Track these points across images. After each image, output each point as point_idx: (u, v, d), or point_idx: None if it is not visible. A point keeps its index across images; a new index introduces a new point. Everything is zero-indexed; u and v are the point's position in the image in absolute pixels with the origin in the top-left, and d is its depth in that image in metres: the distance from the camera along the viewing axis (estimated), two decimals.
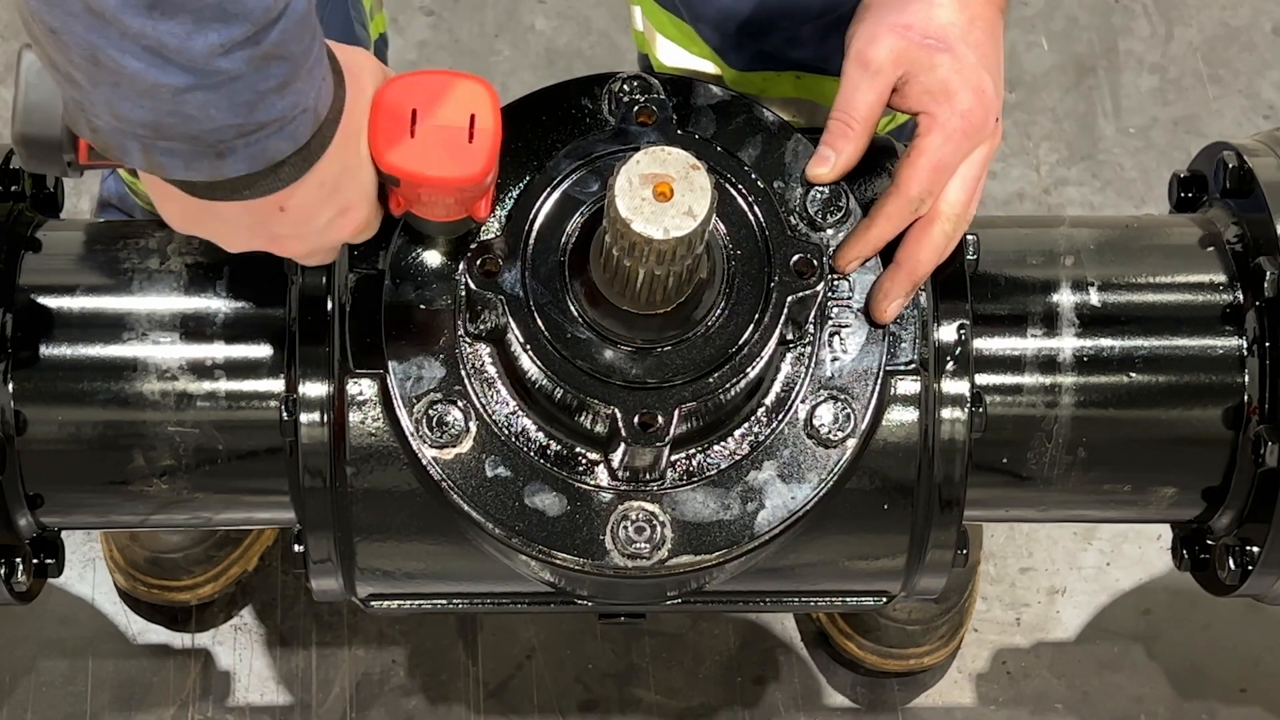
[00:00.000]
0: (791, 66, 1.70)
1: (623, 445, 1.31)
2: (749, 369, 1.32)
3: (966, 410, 1.43)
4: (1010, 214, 2.36)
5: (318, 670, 2.06)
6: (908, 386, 1.41)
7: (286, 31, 1.06)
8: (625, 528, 1.36)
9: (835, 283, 1.40)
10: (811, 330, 1.39)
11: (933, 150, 1.37)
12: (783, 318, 1.33)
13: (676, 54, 1.75)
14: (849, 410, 1.38)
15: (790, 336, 1.38)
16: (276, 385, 1.46)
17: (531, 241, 1.34)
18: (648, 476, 1.36)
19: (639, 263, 1.24)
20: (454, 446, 1.36)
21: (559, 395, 1.33)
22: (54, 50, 1.05)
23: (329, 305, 1.41)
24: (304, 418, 1.41)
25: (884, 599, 1.54)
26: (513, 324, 1.31)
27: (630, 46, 2.53)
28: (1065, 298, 1.50)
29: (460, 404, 1.36)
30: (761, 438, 1.38)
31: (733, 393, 1.33)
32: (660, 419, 1.30)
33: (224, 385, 1.46)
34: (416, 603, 1.51)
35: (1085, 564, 2.16)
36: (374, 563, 1.45)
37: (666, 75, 1.43)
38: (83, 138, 1.14)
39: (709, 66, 1.73)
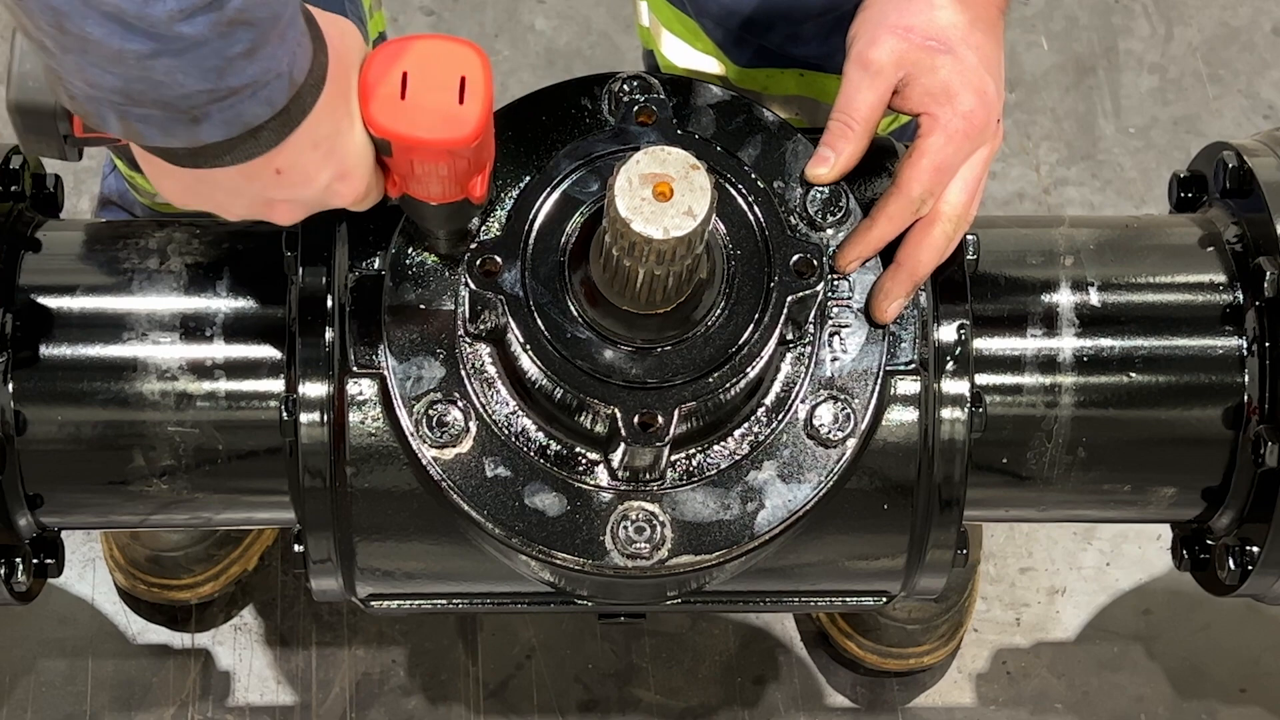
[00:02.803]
0: (794, 64, 1.70)
1: (623, 445, 1.31)
2: (749, 369, 1.32)
3: (966, 410, 1.43)
4: (1010, 214, 2.36)
5: (318, 670, 2.06)
6: (908, 386, 1.41)
7: None
8: (625, 528, 1.36)
9: (835, 283, 1.40)
10: (811, 330, 1.39)
11: (934, 151, 1.37)
12: (783, 318, 1.33)
13: (681, 50, 1.75)
14: (849, 410, 1.38)
15: (790, 336, 1.38)
16: (276, 385, 1.46)
17: (531, 241, 1.34)
18: (648, 476, 1.36)
19: (639, 263, 1.24)
20: (454, 446, 1.36)
21: (559, 395, 1.33)
22: (22, 16, 1.06)
23: (329, 305, 1.41)
24: (304, 418, 1.41)
25: (884, 599, 1.54)
26: (513, 324, 1.31)
27: (630, 46, 2.53)
28: (1065, 298, 1.50)
29: (460, 404, 1.36)
30: (761, 438, 1.38)
31: (733, 393, 1.33)
32: (660, 419, 1.30)
33: (224, 385, 1.46)
34: (416, 603, 1.51)
35: (1085, 564, 2.17)
36: (374, 563, 1.45)
37: (666, 75, 1.43)
38: (64, 105, 1.14)
39: (713, 63, 1.73)
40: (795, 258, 1.34)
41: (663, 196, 1.21)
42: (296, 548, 1.47)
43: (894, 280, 1.39)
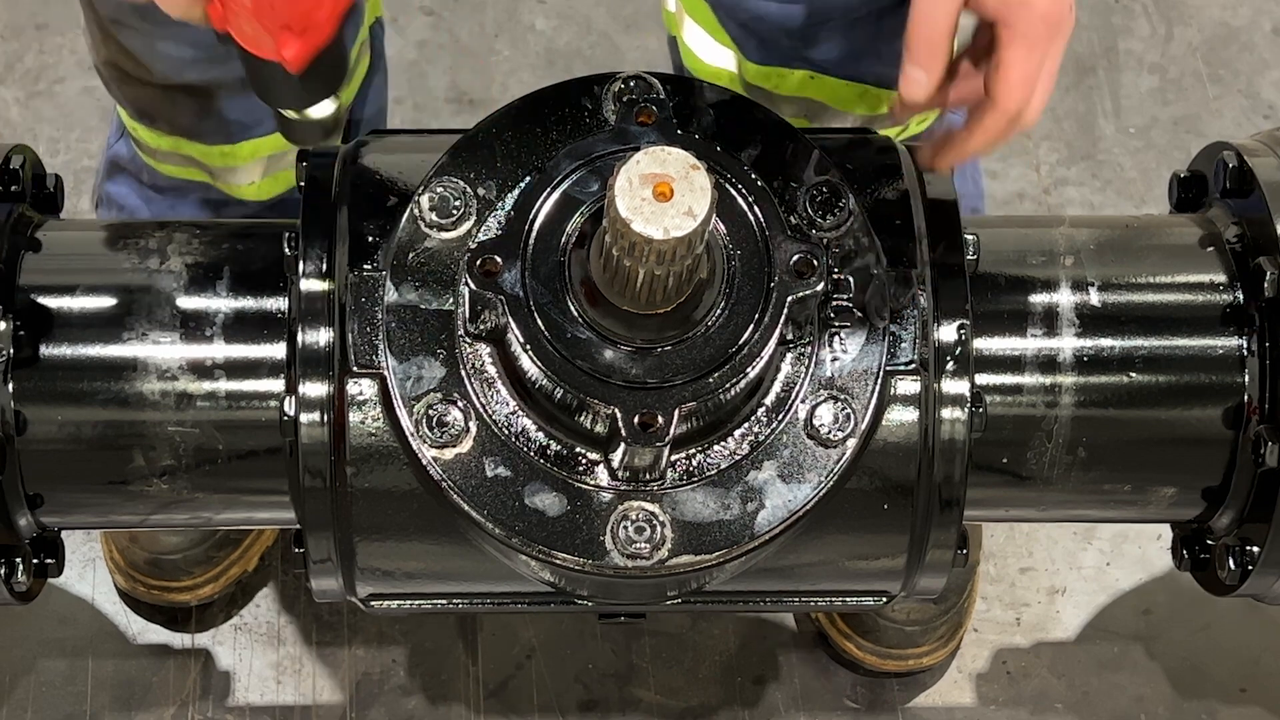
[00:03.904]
0: (805, 65, 1.70)
1: (623, 445, 1.31)
2: (749, 369, 1.32)
3: (966, 410, 1.43)
4: (1010, 214, 2.36)
5: (318, 670, 2.06)
6: (908, 386, 1.41)
7: None
8: (625, 528, 1.35)
9: (835, 282, 1.40)
10: (811, 330, 1.39)
11: (1020, 62, 1.37)
12: (783, 318, 1.33)
13: (702, 40, 1.76)
14: (849, 410, 1.38)
15: (790, 336, 1.38)
16: (276, 385, 1.46)
17: (531, 241, 1.34)
18: (648, 476, 1.36)
19: (639, 263, 1.24)
20: (454, 446, 1.36)
21: (559, 395, 1.33)
22: None
23: (329, 305, 1.41)
24: (304, 418, 1.41)
25: (884, 599, 1.54)
26: (513, 324, 1.31)
27: (630, 46, 2.53)
28: (1065, 298, 1.50)
29: (460, 404, 1.36)
30: (761, 438, 1.38)
31: (733, 393, 1.33)
32: (660, 419, 1.30)
33: (224, 385, 1.46)
34: (416, 603, 1.51)
35: (1085, 564, 2.17)
36: (374, 563, 1.45)
37: (666, 75, 1.43)
38: None
39: (729, 55, 1.74)
40: (795, 258, 1.34)
41: (663, 197, 1.21)
42: (296, 549, 1.47)
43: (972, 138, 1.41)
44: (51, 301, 1.47)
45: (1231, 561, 1.53)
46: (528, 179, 1.38)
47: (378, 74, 1.95)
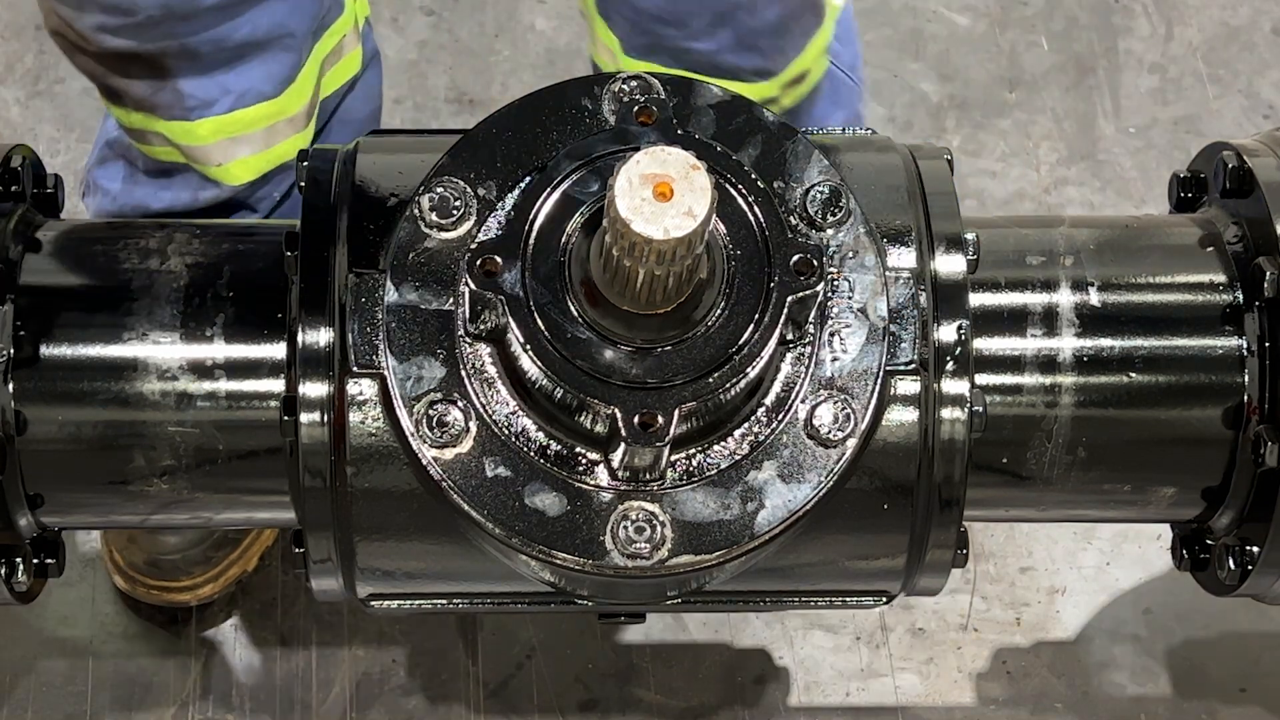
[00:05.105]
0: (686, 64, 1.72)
1: (623, 445, 1.31)
2: (749, 369, 1.32)
3: (966, 410, 1.43)
4: (1010, 214, 2.36)
5: (318, 670, 2.06)
6: (908, 386, 1.41)
7: None
8: (625, 528, 1.35)
9: (835, 283, 1.40)
10: (811, 330, 1.39)
11: None
12: (783, 318, 1.33)
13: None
14: (849, 410, 1.38)
15: (790, 336, 1.38)
16: (276, 385, 1.46)
17: (531, 241, 1.34)
18: (648, 476, 1.36)
19: (639, 263, 1.24)
20: (454, 446, 1.36)
21: (559, 395, 1.33)
22: None
23: (329, 305, 1.41)
24: (304, 418, 1.41)
25: (884, 598, 1.54)
26: (513, 324, 1.31)
27: None
28: (1065, 298, 1.50)
29: (460, 404, 1.36)
30: (761, 438, 1.38)
31: (733, 393, 1.33)
32: (660, 419, 1.30)
33: (224, 385, 1.46)
34: (416, 603, 1.51)
35: (1085, 564, 2.17)
36: (374, 563, 1.45)
37: (666, 75, 1.43)
38: None
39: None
40: (795, 258, 1.34)
41: (663, 197, 1.21)
42: (296, 548, 1.47)
43: None
44: (52, 302, 1.47)
45: (1231, 561, 1.53)
46: (528, 179, 1.38)
47: (370, 71, 1.96)
